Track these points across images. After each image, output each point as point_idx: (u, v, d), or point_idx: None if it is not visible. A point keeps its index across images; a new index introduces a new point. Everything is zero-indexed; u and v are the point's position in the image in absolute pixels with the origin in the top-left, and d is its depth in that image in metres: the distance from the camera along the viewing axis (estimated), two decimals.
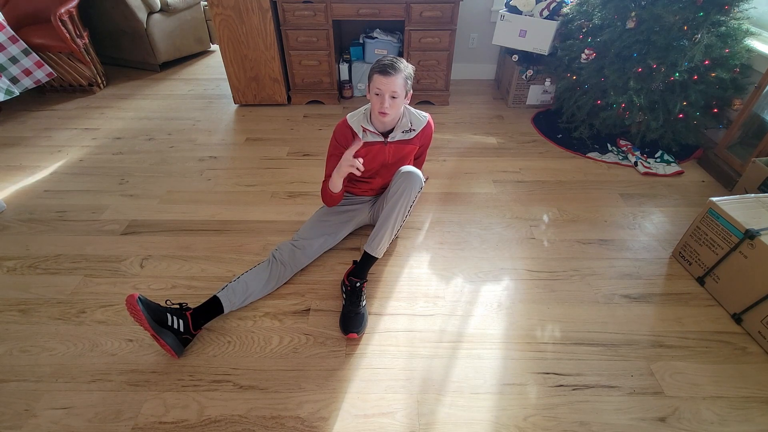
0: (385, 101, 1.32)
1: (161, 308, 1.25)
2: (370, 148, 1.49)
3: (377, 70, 1.31)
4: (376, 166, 1.56)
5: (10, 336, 1.35)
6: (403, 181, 1.43)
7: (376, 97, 1.34)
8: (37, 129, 2.59)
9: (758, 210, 1.41)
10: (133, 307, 1.17)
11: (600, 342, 1.35)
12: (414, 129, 1.50)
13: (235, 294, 1.38)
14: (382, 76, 1.30)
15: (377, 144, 1.48)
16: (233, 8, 2.45)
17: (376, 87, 1.32)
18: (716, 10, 1.90)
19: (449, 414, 1.15)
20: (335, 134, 1.48)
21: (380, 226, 1.47)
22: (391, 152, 1.52)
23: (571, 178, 2.15)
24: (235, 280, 1.41)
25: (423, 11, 2.51)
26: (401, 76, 1.31)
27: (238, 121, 2.71)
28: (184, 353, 1.30)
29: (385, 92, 1.31)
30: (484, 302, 1.48)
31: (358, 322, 1.35)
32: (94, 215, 1.88)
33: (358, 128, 1.44)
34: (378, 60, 1.34)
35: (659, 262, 1.65)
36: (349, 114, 1.48)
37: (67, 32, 2.69)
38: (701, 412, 1.16)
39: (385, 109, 1.33)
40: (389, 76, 1.30)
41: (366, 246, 1.49)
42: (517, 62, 2.76)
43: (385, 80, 1.30)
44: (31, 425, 1.12)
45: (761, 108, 2.00)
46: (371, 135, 1.46)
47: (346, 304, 1.39)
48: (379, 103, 1.34)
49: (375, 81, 1.32)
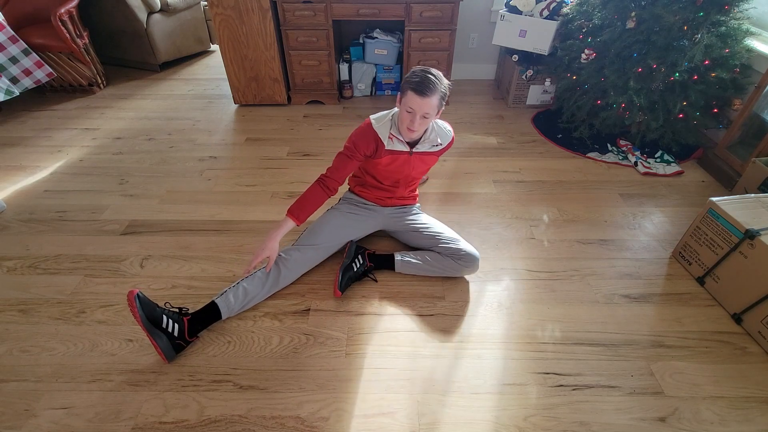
0: (416, 120, 1.25)
1: (159, 309, 1.24)
2: (397, 157, 1.43)
3: (412, 88, 1.21)
4: (400, 176, 1.51)
5: (10, 336, 1.35)
6: (469, 264, 1.49)
7: (407, 113, 1.26)
8: (37, 129, 2.59)
9: (758, 210, 1.41)
10: (131, 303, 1.17)
11: (600, 342, 1.35)
12: (441, 143, 1.46)
13: (236, 299, 1.37)
14: (417, 96, 1.20)
15: (403, 154, 1.43)
16: (233, 8, 2.45)
17: (409, 105, 1.23)
18: (716, 10, 1.90)
19: (449, 414, 1.15)
20: (357, 138, 1.37)
21: (421, 267, 1.54)
22: (415, 163, 1.48)
23: (571, 178, 2.15)
24: (234, 285, 1.40)
25: (423, 11, 2.51)
26: (437, 96, 1.22)
27: (238, 121, 2.71)
28: (176, 358, 1.28)
29: (417, 112, 1.23)
30: (484, 302, 1.48)
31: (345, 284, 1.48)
32: (94, 215, 1.88)
33: (384, 135, 1.37)
34: (415, 73, 1.23)
35: (659, 262, 1.65)
36: (373, 117, 1.40)
37: (67, 32, 2.69)
38: (701, 412, 1.16)
39: (414, 127, 1.27)
40: (425, 97, 1.20)
41: (398, 256, 1.56)
42: (517, 62, 2.76)
43: (420, 101, 1.21)
44: (31, 425, 1.12)
45: (761, 108, 2.00)
46: (398, 143, 1.39)
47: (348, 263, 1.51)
48: (409, 120, 1.27)
49: (409, 98, 1.22)
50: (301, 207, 1.39)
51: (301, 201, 1.40)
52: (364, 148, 1.38)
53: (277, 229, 1.37)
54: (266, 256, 1.37)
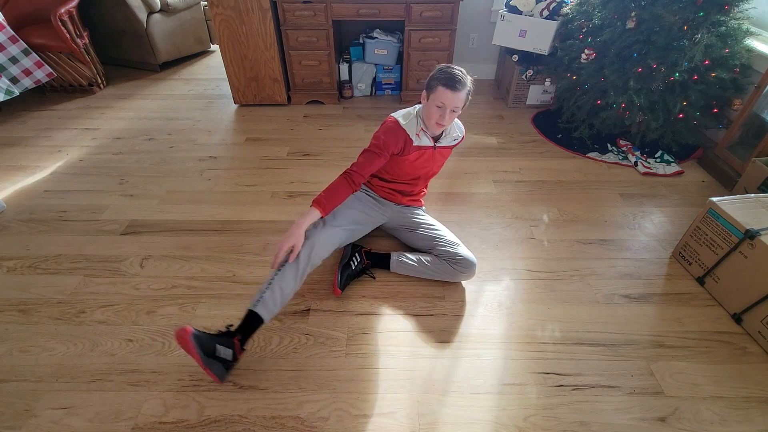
0: (446, 115, 1.30)
1: (211, 339, 1.17)
2: (423, 153, 1.46)
3: (443, 83, 1.26)
4: (422, 172, 1.54)
5: (10, 336, 1.35)
6: (465, 270, 1.48)
7: (437, 108, 1.30)
8: (37, 129, 2.59)
9: (758, 210, 1.41)
10: (186, 344, 1.10)
11: (600, 342, 1.35)
12: (458, 136, 1.52)
13: (274, 302, 1.27)
14: (449, 91, 1.26)
15: (429, 149, 1.46)
16: (233, 8, 2.45)
17: (440, 100, 1.28)
18: (716, 10, 1.90)
19: (449, 414, 1.15)
20: (386, 136, 1.38)
21: (417, 268, 1.53)
22: (437, 158, 1.51)
23: (571, 178, 2.15)
24: (267, 287, 1.27)
25: (423, 11, 2.51)
26: (465, 90, 1.28)
27: (238, 121, 2.71)
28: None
29: (447, 106, 1.28)
30: (484, 302, 1.48)
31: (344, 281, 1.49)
32: (94, 215, 1.88)
33: (413, 132, 1.40)
34: (443, 69, 1.28)
35: (659, 262, 1.65)
36: (398, 115, 1.42)
37: (67, 32, 2.69)
38: (701, 412, 1.16)
39: (444, 122, 1.32)
40: (456, 91, 1.26)
41: (395, 256, 1.56)
42: (517, 62, 2.76)
43: (451, 95, 1.26)
44: (31, 425, 1.12)
45: (761, 108, 2.00)
46: (425, 139, 1.43)
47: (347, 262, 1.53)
48: (438, 116, 1.31)
49: (439, 93, 1.27)
50: (328, 198, 1.33)
51: (328, 192, 1.34)
52: (393, 146, 1.39)
53: (303, 217, 1.30)
54: (292, 244, 1.28)
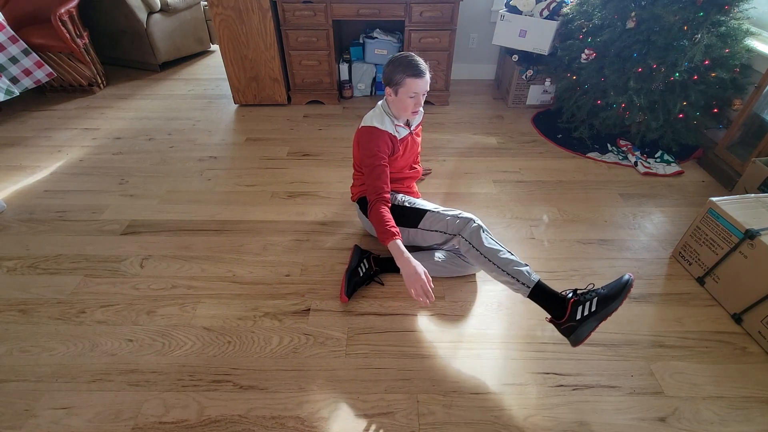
0: (421, 101, 1.38)
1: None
2: (406, 141, 1.53)
3: (411, 74, 1.31)
4: (411, 156, 1.61)
5: (10, 336, 1.35)
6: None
7: (410, 99, 1.35)
8: (37, 129, 2.59)
9: (758, 210, 1.41)
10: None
11: (600, 342, 1.35)
12: (421, 112, 1.59)
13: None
14: (418, 79, 1.32)
15: (408, 135, 1.53)
16: (233, 8, 2.45)
17: (412, 90, 1.33)
18: (716, 10, 1.90)
19: (449, 414, 1.15)
20: (375, 146, 1.39)
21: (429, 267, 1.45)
22: (415, 139, 1.59)
23: (571, 178, 2.15)
24: (507, 274, 1.27)
25: (423, 11, 2.51)
26: (429, 73, 1.36)
27: (238, 121, 2.71)
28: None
29: (420, 93, 1.35)
30: (484, 302, 1.48)
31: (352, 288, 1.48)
32: (94, 215, 1.88)
33: (392, 130, 1.45)
34: (401, 62, 1.33)
35: (659, 262, 1.64)
36: (370, 122, 1.43)
37: (67, 32, 2.69)
38: (701, 412, 1.16)
39: (419, 108, 1.40)
40: (424, 77, 1.33)
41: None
42: (517, 62, 2.76)
43: (421, 82, 1.33)
44: (31, 425, 1.12)
45: (761, 108, 2.00)
46: (402, 130, 1.50)
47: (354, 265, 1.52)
48: (414, 104, 1.37)
49: (410, 84, 1.32)
50: (387, 223, 1.32)
51: (384, 221, 1.32)
52: (386, 149, 1.43)
53: (401, 254, 1.26)
54: (422, 278, 1.22)
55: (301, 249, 1.70)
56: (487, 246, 1.32)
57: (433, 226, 1.44)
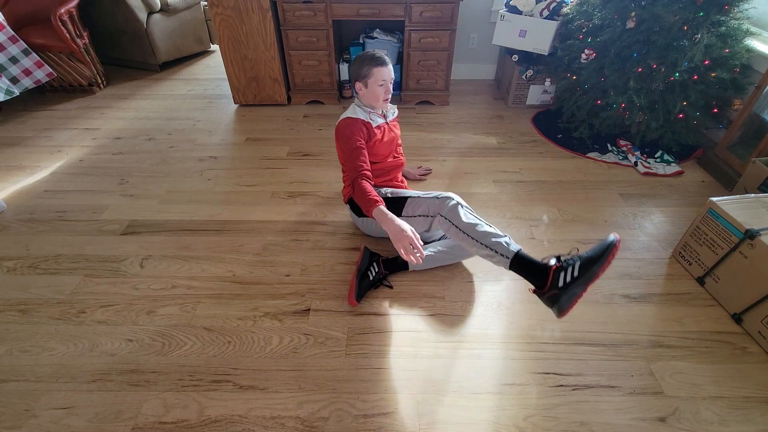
0: (389, 88, 1.49)
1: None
2: (382, 128, 1.58)
3: (376, 64, 1.44)
4: (392, 144, 1.65)
5: (10, 336, 1.35)
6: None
7: (380, 87, 1.47)
8: (37, 129, 2.59)
9: (758, 210, 1.41)
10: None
11: (600, 342, 1.35)
12: (395, 112, 1.68)
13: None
14: (384, 68, 1.45)
15: (384, 124, 1.59)
16: (233, 8, 2.45)
17: (380, 79, 1.45)
18: (716, 10, 1.90)
19: (449, 414, 1.15)
20: (350, 129, 1.47)
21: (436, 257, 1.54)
22: (392, 129, 1.64)
23: (571, 178, 2.15)
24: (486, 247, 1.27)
25: (423, 11, 2.51)
26: (390, 64, 1.48)
27: (238, 121, 2.71)
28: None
29: (388, 80, 1.47)
30: (484, 302, 1.48)
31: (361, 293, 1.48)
32: (94, 215, 1.88)
33: (366, 117, 1.53)
34: (364, 58, 1.45)
35: (659, 262, 1.64)
36: (347, 116, 1.52)
37: (67, 32, 2.69)
38: (701, 412, 1.16)
39: (389, 95, 1.50)
40: (388, 65, 1.46)
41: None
42: (517, 62, 2.76)
43: (386, 70, 1.46)
44: (31, 425, 1.12)
45: (761, 108, 2.00)
46: (377, 118, 1.57)
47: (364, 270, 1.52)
48: (384, 91, 1.49)
49: (377, 73, 1.45)
50: (371, 193, 1.34)
51: (367, 193, 1.34)
52: (360, 134, 1.48)
53: (385, 217, 1.27)
54: (410, 236, 1.21)
55: (301, 249, 1.70)
56: (465, 222, 1.31)
57: (415, 211, 1.44)
